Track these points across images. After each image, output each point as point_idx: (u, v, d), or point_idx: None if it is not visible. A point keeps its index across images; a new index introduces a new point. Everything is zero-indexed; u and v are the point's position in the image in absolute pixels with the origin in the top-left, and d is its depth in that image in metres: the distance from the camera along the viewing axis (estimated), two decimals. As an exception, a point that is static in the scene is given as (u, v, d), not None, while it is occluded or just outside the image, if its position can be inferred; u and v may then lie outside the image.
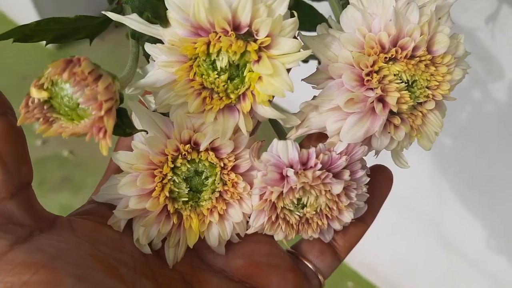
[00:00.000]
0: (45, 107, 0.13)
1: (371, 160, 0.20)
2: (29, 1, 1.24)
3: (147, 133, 0.16)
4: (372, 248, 0.71)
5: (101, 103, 0.12)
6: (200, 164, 0.17)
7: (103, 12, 0.17)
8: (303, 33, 0.17)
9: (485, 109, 0.50)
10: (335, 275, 0.22)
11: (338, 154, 0.16)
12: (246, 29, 0.15)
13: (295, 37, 0.16)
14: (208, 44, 0.15)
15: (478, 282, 0.66)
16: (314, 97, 0.18)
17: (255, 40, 0.15)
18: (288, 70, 0.16)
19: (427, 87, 0.18)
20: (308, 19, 0.22)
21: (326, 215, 0.17)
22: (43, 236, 0.14)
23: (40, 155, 1.16)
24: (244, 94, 0.16)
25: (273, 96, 0.16)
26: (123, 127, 0.14)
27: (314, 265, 0.19)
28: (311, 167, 0.16)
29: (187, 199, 0.17)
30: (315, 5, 0.23)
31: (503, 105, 0.48)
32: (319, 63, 0.18)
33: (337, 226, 0.18)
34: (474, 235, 0.62)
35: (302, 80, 0.18)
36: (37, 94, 0.13)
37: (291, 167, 0.16)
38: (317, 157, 0.16)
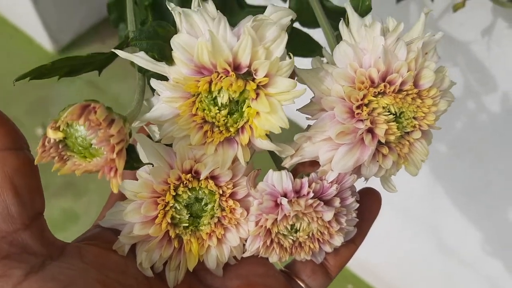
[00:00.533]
0: (60, 146, 0.15)
1: (361, 183, 0.21)
2: (31, 6, 1.24)
3: (153, 165, 0.17)
4: (371, 251, 0.72)
5: (113, 146, 0.14)
6: (200, 192, 0.18)
7: (113, 50, 0.18)
8: (299, 66, 0.18)
9: (480, 119, 0.51)
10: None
11: (329, 183, 0.17)
12: (246, 69, 0.16)
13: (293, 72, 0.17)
14: (210, 82, 0.16)
15: (475, 285, 0.67)
16: (308, 126, 0.19)
17: (253, 79, 0.16)
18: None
19: (414, 118, 0.19)
20: (304, 45, 0.23)
21: (318, 239, 0.18)
22: (54, 264, 0.15)
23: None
24: (242, 127, 0.17)
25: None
26: (131, 161, 0.15)
27: (307, 284, 0.20)
28: (304, 195, 0.17)
29: (187, 224, 0.18)
30: (311, 32, 0.24)
31: (496, 116, 0.49)
32: (314, 95, 0.19)
33: (328, 249, 0.19)
34: (470, 239, 0.63)
35: (297, 110, 0.19)
36: (53, 135, 0.14)
37: (285, 196, 0.17)
38: (309, 186, 0.17)
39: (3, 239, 0.15)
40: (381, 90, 0.18)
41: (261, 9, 0.28)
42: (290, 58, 0.16)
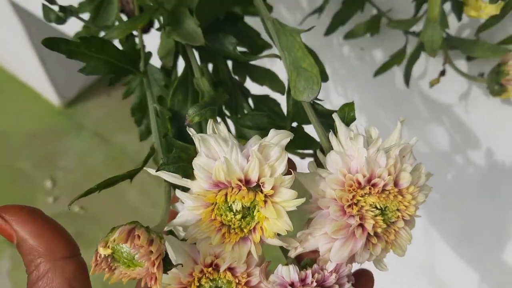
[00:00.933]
0: (108, 259, 0.18)
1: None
2: (39, 65, 1.30)
3: (182, 265, 0.20)
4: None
5: (154, 261, 0.17)
6: (219, 281, 0.21)
7: (146, 169, 0.22)
8: (298, 171, 0.22)
9: (467, 172, 0.55)
10: None
11: (329, 272, 0.21)
12: (255, 183, 0.20)
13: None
14: (226, 194, 0.20)
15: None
16: (309, 220, 0.23)
17: (262, 191, 0.20)
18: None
19: (397, 210, 0.22)
20: (301, 141, 0.27)
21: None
22: None
23: (52, 212, 1.19)
24: (254, 228, 0.21)
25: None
26: (166, 266, 0.19)
27: None
28: (308, 284, 0.21)
29: (209, 311, 0.21)
30: (307, 128, 0.28)
31: (482, 170, 0.53)
32: (311, 196, 0.22)
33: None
34: (466, 281, 0.66)
35: (296, 208, 0.22)
36: (103, 251, 0.18)
37: (293, 285, 0.21)
38: (312, 276, 0.21)
39: None
40: (367, 191, 0.22)
41: (262, 97, 0.32)
42: (291, 174, 0.20)
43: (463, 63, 0.42)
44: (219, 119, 0.22)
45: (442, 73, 0.40)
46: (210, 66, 0.31)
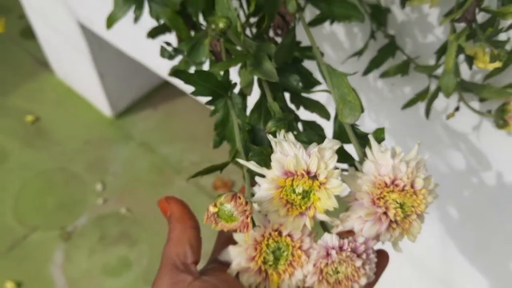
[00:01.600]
0: (215, 215, 0.27)
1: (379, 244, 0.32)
2: (98, 80, 1.43)
3: (259, 226, 0.30)
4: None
5: (248, 215, 0.26)
6: (281, 243, 0.30)
7: (239, 161, 0.31)
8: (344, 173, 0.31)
9: (480, 190, 0.62)
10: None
11: (360, 243, 0.29)
12: (314, 173, 0.29)
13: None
14: (292, 180, 0.29)
15: None
16: (348, 207, 0.31)
17: (318, 179, 0.29)
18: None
19: (412, 206, 0.31)
20: (341, 156, 0.36)
21: (350, 279, 0.30)
22: (203, 278, 0.28)
23: (101, 212, 1.32)
24: (310, 206, 0.29)
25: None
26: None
27: None
28: (344, 249, 0.29)
29: (272, 263, 0.30)
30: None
31: (493, 189, 0.60)
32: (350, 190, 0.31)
33: (356, 286, 0.30)
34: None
35: (341, 197, 0.31)
36: (212, 209, 0.27)
37: (333, 249, 0.29)
38: (348, 244, 0.29)
39: (183, 265, 0.28)
40: (391, 189, 0.30)
41: (310, 122, 0.41)
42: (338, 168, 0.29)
43: (476, 102, 0.51)
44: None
45: (457, 109, 0.48)
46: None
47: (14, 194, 1.35)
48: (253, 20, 0.38)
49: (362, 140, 0.34)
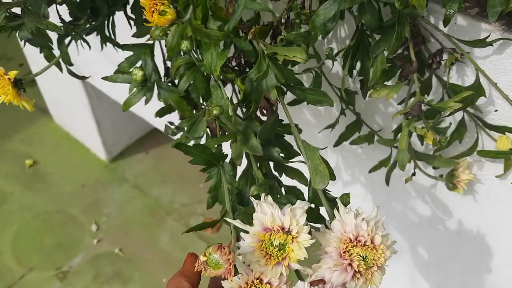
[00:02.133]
0: (204, 263, 0.33)
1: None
2: (95, 127, 1.50)
3: (242, 274, 0.35)
4: None
5: (231, 263, 0.32)
6: (262, 290, 0.35)
7: (227, 220, 0.37)
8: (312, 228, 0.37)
9: (443, 235, 0.68)
10: None
11: (328, 289, 0.35)
12: (287, 229, 0.35)
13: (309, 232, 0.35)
14: (270, 235, 0.35)
15: None
16: (319, 260, 0.37)
17: (291, 234, 0.35)
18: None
19: (373, 259, 0.36)
20: (315, 217, 0.42)
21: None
22: None
23: (96, 252, 1.35)
24: (285, 256, 0.35)
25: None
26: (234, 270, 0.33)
27: None
28: (315, 296, 0.34)
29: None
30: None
31: (452, 234, 0.66)
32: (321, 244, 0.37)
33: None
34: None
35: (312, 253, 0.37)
36: (202, 258, 0.32)
37: (306, 295, 0.34)
38: (318, 291, 0.34)
39: None
40: (355, 244, 0.36)
41: (292, 187, 0.48)
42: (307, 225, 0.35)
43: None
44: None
45: (413, 174, 0.56)
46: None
47: (13, 235, 1.39)
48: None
49: (332, 203, 0.40)
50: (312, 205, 0.40)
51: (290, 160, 0.43)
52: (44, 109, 1.70)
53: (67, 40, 0.48)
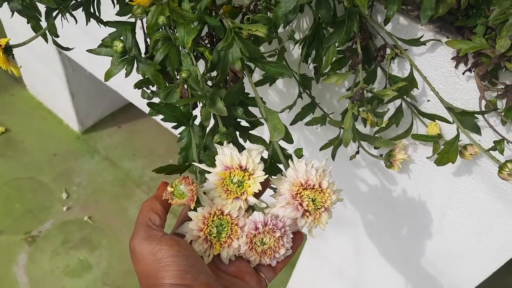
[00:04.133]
0: (171, 194, 0.38)
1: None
2: (70, 99, 1.50)
3: (204, 206, 0.40)
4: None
5: (194, 192, 0.37)
6: (223, 220, 0.41)
7: (194, 164, 0.42)
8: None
9: (388, 201, 0.76)
10: None
11: (279, 221, 0.40)
12: (244, 167, 0.40)
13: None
14: (230, 173, 0.40)
15: None
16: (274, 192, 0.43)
17: (247, 171, 0.40)
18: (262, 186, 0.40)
19: (321, 201, 0.42)
20: (274, 169, 0.48)
21: (273, 249, 0.41)
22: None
23: (65, 218, 1.37)
24: (243, 192, 0.40)
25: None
26: (197, 202, 0.38)
27: (264, 275, 0.41)
28: (268, 224, 0.40)
29: (215, 235, 0.40)
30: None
31: (397, 200, 0.74)
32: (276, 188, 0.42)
33: (277, 256, 0.41)
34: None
35: (270, 196, 0.42)
36: (169, 189, 0.37)
37: (260, 223, 0.40)
38: (271, 220, 0.40)
39: (154, 225, 0.38)
40: (304, 187, 0.42)
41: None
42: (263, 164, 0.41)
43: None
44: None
45: (357, 153, 0.64)
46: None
47: (-18, 200, 1.38)
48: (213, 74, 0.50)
49: (288, 159, 0.46)
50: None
51: (252, 118, 0.49)
52: (17, 78, 1.69)
53: (54, 13, 0.51)
